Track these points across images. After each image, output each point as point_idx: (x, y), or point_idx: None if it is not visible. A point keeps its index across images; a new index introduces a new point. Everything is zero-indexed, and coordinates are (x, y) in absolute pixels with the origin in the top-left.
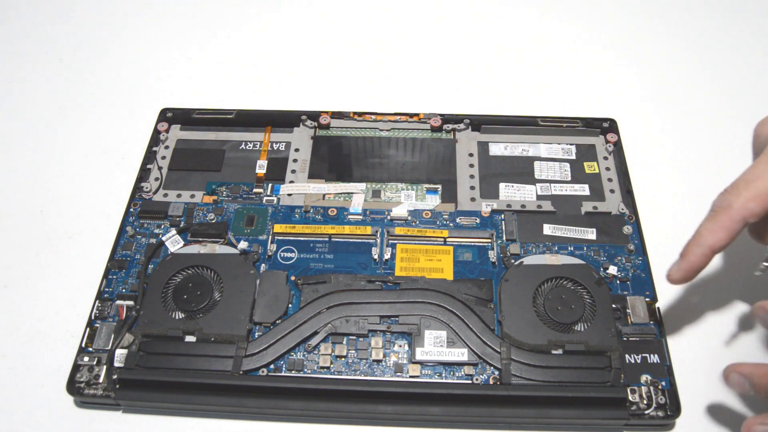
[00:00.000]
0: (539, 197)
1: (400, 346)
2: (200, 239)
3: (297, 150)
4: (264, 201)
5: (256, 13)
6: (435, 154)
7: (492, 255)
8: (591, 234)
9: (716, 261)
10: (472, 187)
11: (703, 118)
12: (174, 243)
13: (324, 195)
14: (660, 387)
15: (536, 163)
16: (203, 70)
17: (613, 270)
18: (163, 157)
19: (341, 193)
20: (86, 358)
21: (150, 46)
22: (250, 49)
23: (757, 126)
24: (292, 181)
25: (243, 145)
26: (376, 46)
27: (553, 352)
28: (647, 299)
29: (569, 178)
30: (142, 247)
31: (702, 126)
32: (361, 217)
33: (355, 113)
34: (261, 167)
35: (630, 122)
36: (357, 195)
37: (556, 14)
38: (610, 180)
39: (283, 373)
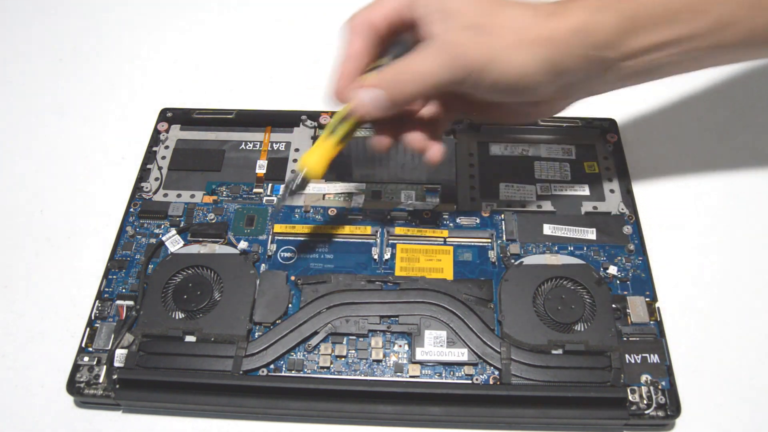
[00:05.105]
0: (539, 197)
1: (400, 346)
2: (200, 239)
3: (297, 150)
4: (264, 201)
5: (257, 13)
6: None
7: (492, 255)
8: (591, 234)
9: (717, 260)
10: (472, 187)
11: (703, 117)
12: (174, 243)
13: (324, 195)
14: (660, 387)
15: (536, 163)
16: (203, 70)
17: (613, 270)
18: (163, 157)
19: (341, 193)
20: (86, 358)
21: (150, 46)
22: (251, 48)
23: None
24: None
25: (243, 145)
26: None
27: (553, 352)
28: (647, 299)
29: (569, 178)
30: (142, 247)
31: (702, 125)
32: (361, 217)
33: None
34: (261, 167)
35: (630, 122)
36: (357, 195)
37: None
38: (610, 180)
39: (283, 373)
